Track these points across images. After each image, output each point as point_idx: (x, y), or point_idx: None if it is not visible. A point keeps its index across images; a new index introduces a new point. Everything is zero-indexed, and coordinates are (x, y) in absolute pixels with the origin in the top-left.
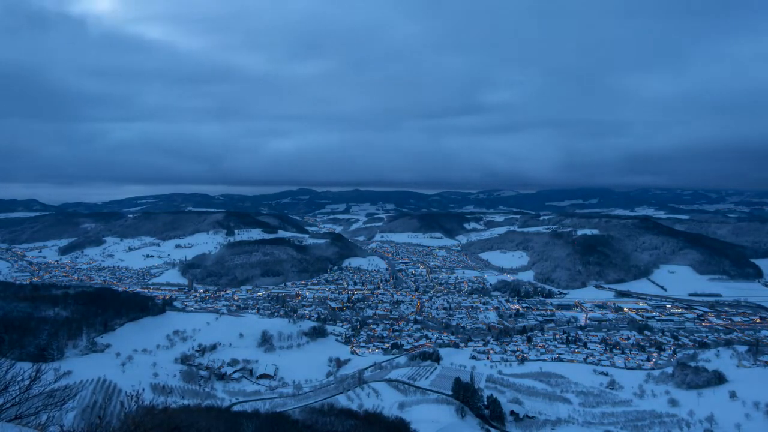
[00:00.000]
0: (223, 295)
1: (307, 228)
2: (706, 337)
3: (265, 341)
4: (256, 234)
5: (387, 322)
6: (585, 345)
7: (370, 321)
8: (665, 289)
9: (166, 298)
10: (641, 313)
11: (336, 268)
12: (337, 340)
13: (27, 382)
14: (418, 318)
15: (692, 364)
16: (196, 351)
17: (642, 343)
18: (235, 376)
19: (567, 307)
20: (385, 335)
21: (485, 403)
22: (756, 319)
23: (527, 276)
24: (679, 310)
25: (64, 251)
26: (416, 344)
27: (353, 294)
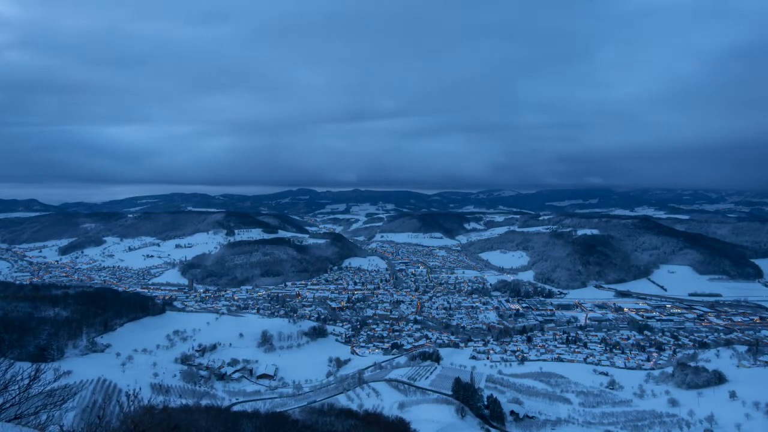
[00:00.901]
0: (223, 295)
1: (307, 228)
2: (706, 337)
3: (265, 341)
4: (256, 234)
5: (387, 322)
6: (585, 345)
7: (370, 321)
8: (665, 289)
9: (166, 298)
10: (641, 313)
11: (336, 268)
12: (337, 340)
13: (26, 382)
14: (418, 318)
15: (692, 364)
16: (196, 351)
17: (642, 343)
18: (235, 376)
19: (567, 307)
20: (385, 335)
21: (485, 403)
22: (756, 319)
23: (527, 276)
24: (679, 310)
25: (64, 251)
26: (416, 344)
27: (353, 294)
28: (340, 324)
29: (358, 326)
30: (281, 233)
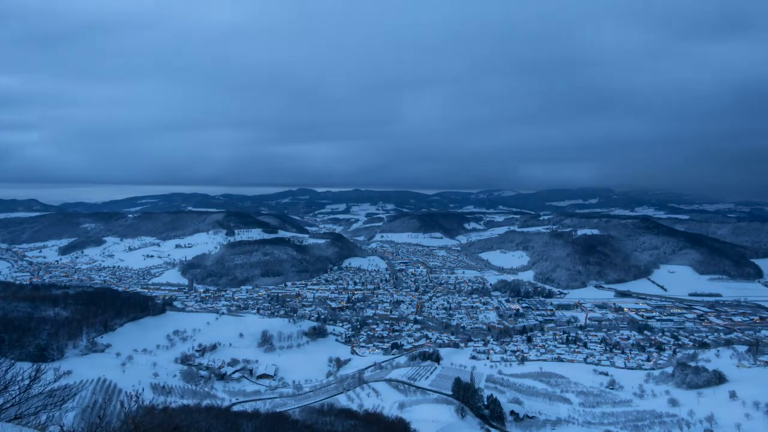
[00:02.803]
0: (223, 295)
1: (307, 228)
2: (706, 337)
3: (265, 341)
4: (256, 234)
5: (387, 322)
6: (585, 345)
7: (370, 321)
8: (665, 289)
9: (166, 298)
10: (641, 313)
11: (336, 268)
12: (337, 340)
13: (27, 382)
14: (418, 318)
15: (692, 364)
16: (196, 351)
17: (642, 343)
18: (235, 376)
19: (567, 307)
20: (385, 335)
21: (485, 403)
22: (756, 319)
23: (527, 276)
24: (679, 310)
25: (64, 251)
26: (416, 344)
27: (353, 294)
28: (340, 324)
29: (358, 326)
30: (281, 233)
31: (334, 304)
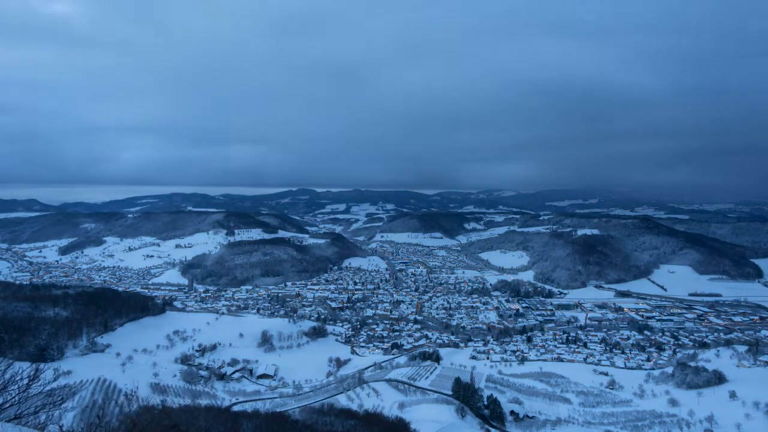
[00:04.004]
0: (223, 295)
1: (307, 228)
2: (706, 337)
3: (265, 341)
4: (256, 234)
5: (387, 322)
6: (585, 345)
7: (370, 321)
8: (665, 289)
9: (166, 298)
10: (641, 313)
11: (336, 268)
12: (337, 340)
13: (26, 382)
14: (418, 318)
15: (692, 364)
16: (196, 351)
17: (642, 343)
18: (235, 376)
19: (567, 307)
20: (385, 335)
21: (485, 403)
22: (756, 319)
23: (527, 276)
24: (679, 310)
25: (64, 251)
26: (416, 344)
27: (353, 294)
28: (340, 324)
29: (358, 326)
30: (281, 233)
31: (334, 304)
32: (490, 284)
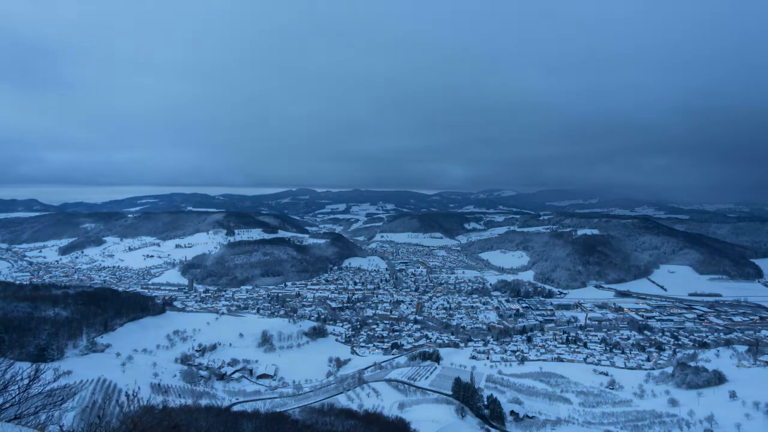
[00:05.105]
0: (223, 295)
1: (307, 228)
2: (706, 337)
3: (265, 341)
4: (256, 234)
5: (387, 322)
6: (585, 345)
7: (370, 321)
8: (665, 289)
9: (167, 298)
10: (641, 313)
11: (336, 268)
12: (337, 340)
13: (26, 382)
14: (418, 318)
15: (692, 364)
16: (196, 351)
17: (642, 343)
18: (235, 376)
19: (567, 307)
20: (385, 335)
21: (485, 403)
22: (756, 319)
23: (527, 276)
24: (679, 310)
25: (64, 251)
26: (416, 344)
27: (353, 294)
28: (340, 324)
29: (358, 326)
30: (281, 233)
31: (334, 304)
32: (490, 284)
